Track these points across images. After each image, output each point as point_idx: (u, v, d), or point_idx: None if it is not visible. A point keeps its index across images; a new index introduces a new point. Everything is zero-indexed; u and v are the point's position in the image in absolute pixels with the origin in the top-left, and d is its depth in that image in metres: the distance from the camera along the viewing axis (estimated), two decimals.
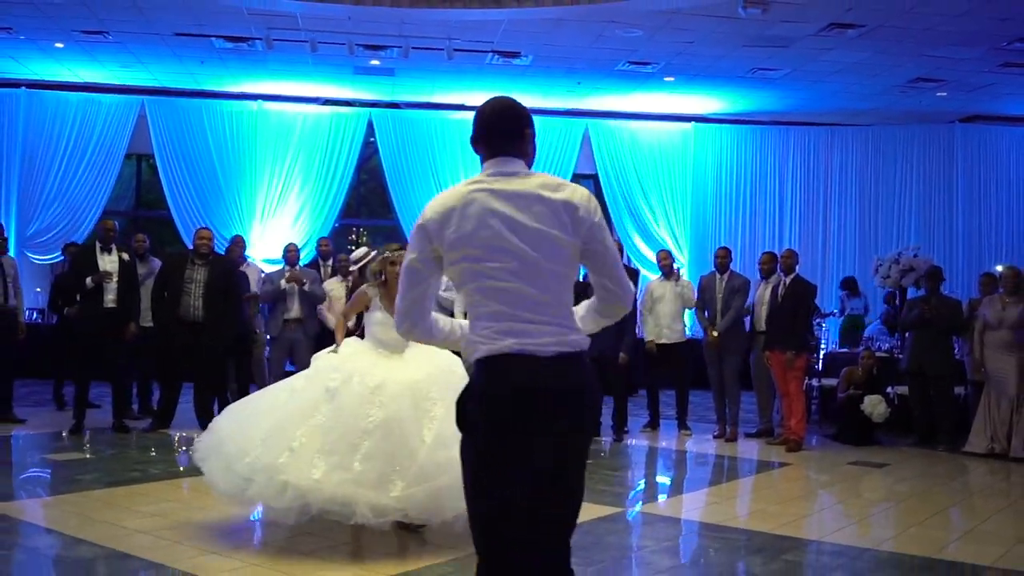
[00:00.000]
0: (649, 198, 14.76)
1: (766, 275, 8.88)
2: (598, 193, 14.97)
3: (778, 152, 15.13)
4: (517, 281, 2.55)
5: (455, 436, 2.73)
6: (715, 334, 8.85)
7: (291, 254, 9.13)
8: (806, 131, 15.14)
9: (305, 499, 4.51)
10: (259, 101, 13.95)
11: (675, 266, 9.44)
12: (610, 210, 14.68)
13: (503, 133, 2.68)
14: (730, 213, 15.03)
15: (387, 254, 5.43)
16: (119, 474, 6.41)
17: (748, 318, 9.05)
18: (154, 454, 7.34)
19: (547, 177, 2.66)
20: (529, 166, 2.71)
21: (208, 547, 4.63)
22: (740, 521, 5.71)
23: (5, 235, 9.19)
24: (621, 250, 9.79)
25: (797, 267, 8.63)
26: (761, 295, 8.87)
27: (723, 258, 9.14)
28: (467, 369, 2.72)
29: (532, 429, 2.48)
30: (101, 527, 4.89)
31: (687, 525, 5.64)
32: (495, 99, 2.74)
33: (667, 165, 14.88)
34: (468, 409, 2.58)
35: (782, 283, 8.51)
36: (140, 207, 14.86)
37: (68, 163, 13.50)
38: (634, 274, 9.91)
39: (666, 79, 12.71)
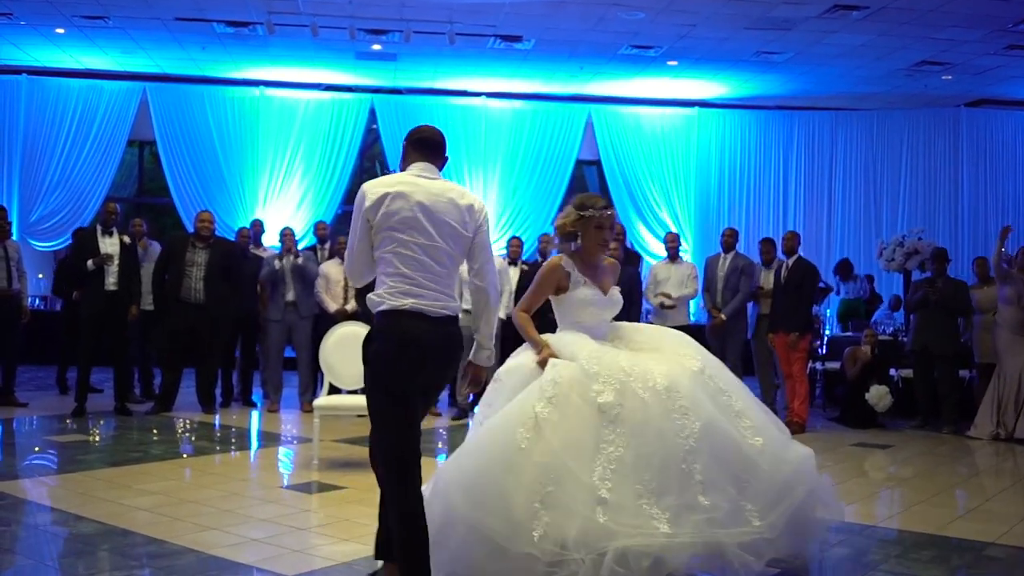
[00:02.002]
0: (652, 183, 14.69)
1: (767, 263, 8.89)
2: (601, 179, 14.96)
3: (782, 137, 15.04)
4: (423, 254, 3.38)
5: (779, 428, 4.03)
6: (722, 318, 8.82)
7: (287, 238, 9.10)
8: (810, 115, 15.04)
9: (664, 564, 3.41)
10: (261, 87, 13.90)
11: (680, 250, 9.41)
12: (613, 196, 14.60)
13: (437, 151, 3.62)
14: (734, 198, 14.95)
15: (590, 213, 4.10)
16: (121, 455, 6.42)
17: (751, 303, 9.04)
18: (156, 436, 7.34)
19: (457, 185, 3.66)
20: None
21: (207, 523, 4.63)
22: None
23: (9, 219, 9.17)
24: (624, 234, 9.73)
25: (799, 249, 8.61)
26: (764, 279, 8.85)
27: (728, 238, 9.11)
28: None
29: (417, 364, 3.36)
30: (102, 505, 4.89)
31: None
32: (432, 127, 3.71)
33: (671, 150, 14.78)
34: (371, 348, 3.43)
35: (784, 265, 8.48)
36: (143, 194, 14.84)
37: (70, 150, 13.45)
38: (636, 258, 9.89)
39: (669, 63, 12.63)
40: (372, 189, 3.44)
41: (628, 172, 14.65)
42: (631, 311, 8.59)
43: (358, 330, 6.57)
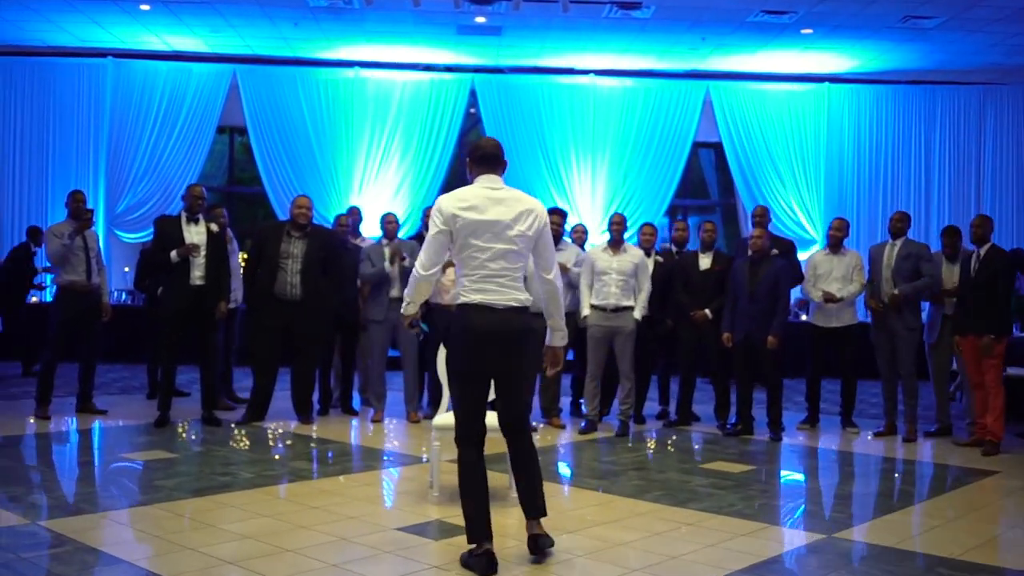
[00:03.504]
0: (778, 166, 13.46)
1: (951, 256, 7.60)
2: (722, 161, 13.77)
3: (923, 114, 13.65)
4: (493, 256, 3.88)
5: None
6: (895, 292, 7.52)
7: (390, 226, 8.05)
8: (954, 90, 13.61)
9: None
10: (356, 68, 13.06)
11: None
12: (735, 179, 13.46)
13: (497, 161, 4.06)
14: (868, 182, 13.63)
15: None
16: (206, 479, 5.46)
17: (928, 304, 7.78)
18: (247, 452, 6.38)
19: (518, 192, 4.06)
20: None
21: None
22: (984, 554, 4.41)
23: (91, 207, 8.36)
24: (768, 216, 8.50)
25: (992, 236, 7.27)
26: (947, 275, 7.57)
27: (898, 222, 7.78)
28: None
29: (483, 350, 3.88)
30: (182, 556, 3.90)
31: (919, 560, 4.34)
32: (490, 138, 4.14)
33: (798, 130, 13.55)
34: (451, 335, 3.97)
35: (975, 255, 7.16)
36: (233, 183, 14.09)
37: (158, 137, 12.84)
38: (791, 247, 8.60)
39: (803, 31, 11.36)
40: (448, 203, 3.92)
41: (751, 154, 13.47)
42: (776, 306, 7.43)
43: None
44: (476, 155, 4.06)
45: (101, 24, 11.46)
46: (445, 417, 5.13)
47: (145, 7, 10.78)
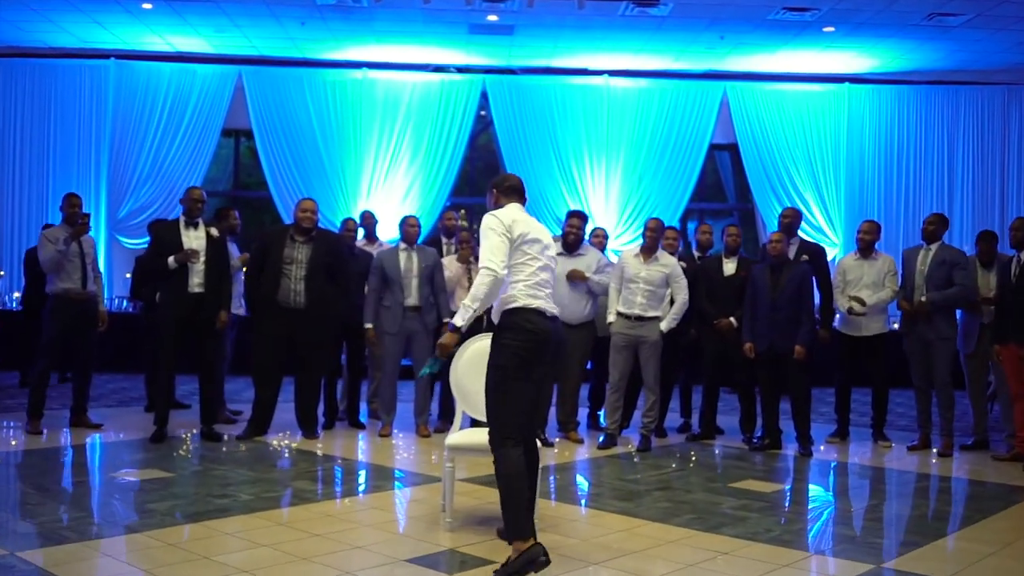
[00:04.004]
0: (797, 169, 13.10)
1: (987, 263, 7.24)
2: (738, 164, 13.43)
3: (946, 115, 13.28)
4: (540, 266, 4.23)
5: None
6: (923, 299, 7.12)
7: (412, 229, 7.60)
8: (978, 91, 13.25)
9: None
10: (364, 69, 12.74)
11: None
12: (751, 183, 13.09)
13: (523, 194, 4.46)
14: (889, 186, 13.27)
15: None
16: (202, 502, 5.10)
17: (962, 313, 7.41)
18: (246, 471, 6.01)
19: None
20: None
21: None
22: None
23: (87, 212, 8.01)
24: (798, 218, 8.10)
25: None
26: (983, 282, 7.19)
27: (933, 225, 7.38)
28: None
29: (541, 353, 4.11)
30: None
31: None
32: (515, 175, 4.58)
33: (817, 132, 13.20)
34: (504, 337, 4.11)
35: (1016, 260, 6.79)
36: (239, 187, 13.77)
37: (161, 140, 12.54)
38: (821, 252, 8.16)
39: (825, 29, 11.01)
40: (506, 216, 4.20)
41: (769, 156, 13.11)
42: (800, 315, 7.07)
43: None
44: (504, 185, 4.43)
45: (103, 24, 11.16)
46: (458, 436, 4.78)
47: (147, 6, 10.47)
